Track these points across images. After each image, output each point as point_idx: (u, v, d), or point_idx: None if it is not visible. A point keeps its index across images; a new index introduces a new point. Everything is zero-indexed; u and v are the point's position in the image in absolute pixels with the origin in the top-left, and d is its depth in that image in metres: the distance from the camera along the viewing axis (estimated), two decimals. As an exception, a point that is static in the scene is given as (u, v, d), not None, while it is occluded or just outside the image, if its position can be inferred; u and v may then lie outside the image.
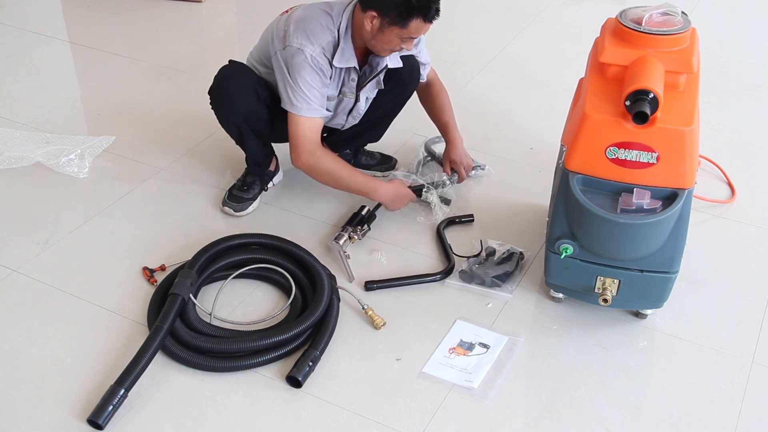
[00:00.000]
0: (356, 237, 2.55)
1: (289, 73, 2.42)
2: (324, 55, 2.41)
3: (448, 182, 2.78)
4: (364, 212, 2.63)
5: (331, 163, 2.52)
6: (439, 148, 2.91)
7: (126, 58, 3.77)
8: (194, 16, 4.28)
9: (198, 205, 2.76)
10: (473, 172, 2.86)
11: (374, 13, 2.33)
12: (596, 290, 2.22)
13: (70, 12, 4.29)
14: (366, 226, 2.60)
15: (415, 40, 2.45)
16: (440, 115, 2.82)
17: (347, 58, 2.45)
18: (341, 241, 2.52)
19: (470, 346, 2.22)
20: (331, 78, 2.47)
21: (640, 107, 1.91)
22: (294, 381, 2.08)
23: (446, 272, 2.45)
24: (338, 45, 2.42)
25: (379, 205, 2.68)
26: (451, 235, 2.61)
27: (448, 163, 2.82)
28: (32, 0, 4.38)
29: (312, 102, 2.43)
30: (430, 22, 2.35)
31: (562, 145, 2.19)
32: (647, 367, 2.21)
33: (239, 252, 2.42)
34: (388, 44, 2.39)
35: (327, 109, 2.52)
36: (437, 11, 2.33)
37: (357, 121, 2.72)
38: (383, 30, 2.35)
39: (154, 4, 4.32)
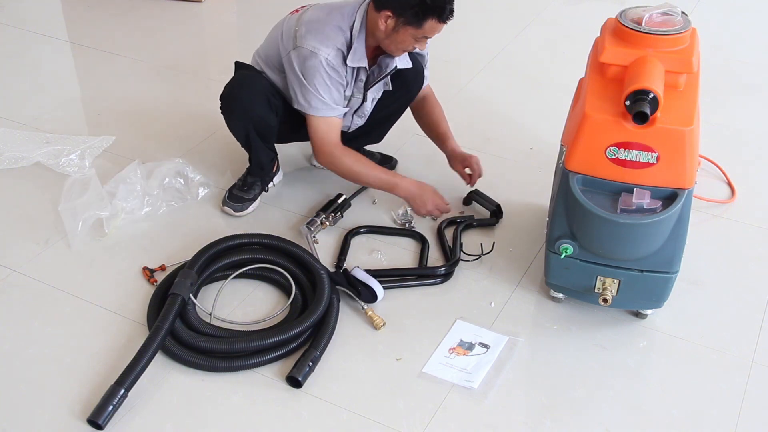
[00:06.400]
0: (328, 223, 2.62)
1: (303, 75, 2.43)
2: (338, 56, 2.42)
3: (411, 217, 2.68)
4: (340, 200, 2.70)
5: (350, 162, 2.57)
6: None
7: (126, 58, 3.77)
8: (194, 16, 4.28)
9: (198, 205, 2.76)
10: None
11: (389, 13, 2.33)
12: (596, 290, 2.22)
13: (70, 12, 4.29)
14: (339, 213, 2.66)
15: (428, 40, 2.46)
16: (436, 127, 2.79)
17: (358, 58, 2.45)
18: (312, 226, 2.58)
19: (470, 346, 2.22)
20: (346, 77, 2.49)
21: (640, 107, 1.91)
22: (294, 381, 2.08)
23: (450, 266, 2.46)
24: (351, 44, 2.43)
25: (355, 194, 2.74)
26: (450, 236, 2.61)
27: (460, 166, 2.74)
28: (32, 0, 4.39)
29: (328, 102, 2.46)
30: (445, 22, 2.35)
31: (562, 145, 2.19)
32: (647, 367, 2.21)
33: (239, 252, 2.42)
34: (402, 44, 2.40)
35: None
36: (452, 11, 2.33)
37: (363, 122, 2.72)
38: (398, 30, 2.35)
39: (154, 4, 4.32)
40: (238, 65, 2.67)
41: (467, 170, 2.75)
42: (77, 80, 3.68)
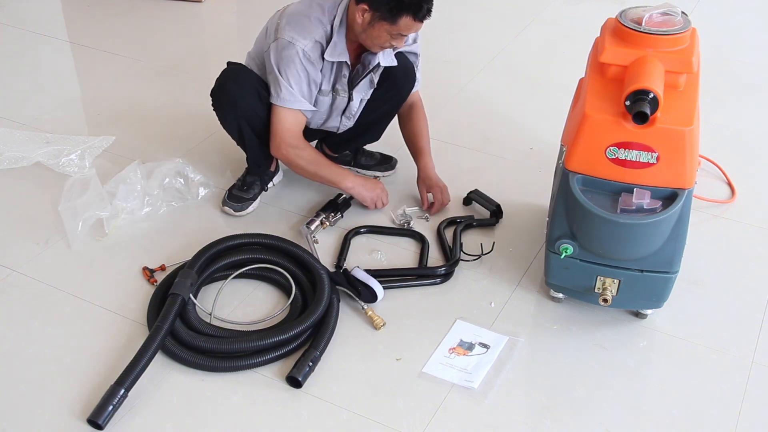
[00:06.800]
0: (327, 223, 2.63)
1: (277, 65, 2.43)
2: (316, 48, 2.42)
3: (410, 218, 2.69)
4: (339, 200, 2.71)
5: (310, 155, 2.58)
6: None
7: (126, 58, 3.77)
8: (194, 16, 4.28)
9: (198, 205, 2.76)
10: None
11: (365, 7, 2.33)
12: (596, 290, 2.22)
13: (70, 12, 4.29)
14: (339, 213, 2.67)
15: (408, 39, 2.44)
16: (416, 140, 2.77)
17: (339, 53, 2.45)
18: (312, 226, 2.58)
19: (470, 346, 2.22)
20: (322, 71, 2.48)
21: (640, 107, 1.91)
22: (294, 381, 2.08)
23: (450, 266, 2.46)
24: (331, 39, 2.43)
25: None
26: (450, 236, 2.61)
27: (424, 188, 2.73)
28: (32, 0, 4.39)
29: (297, 95, 2.46)
30: (421, 21, 2.34)
31: (562, 145, 2.19)
32: (647, 367, 2.21)
33: (239, 252, 2.42)
34: (377, 39, 2.39)
35: (314, 106, 2.53)
36: (429, 11, 2.32)
37: (351, 123, 2.71)
38: (373, 24, 2.35)
39: (154, 4, 4.32)
40: (230, 65, 2.67)
41: (430, 196, 2.72)
42: (77, 80, 3.68)
